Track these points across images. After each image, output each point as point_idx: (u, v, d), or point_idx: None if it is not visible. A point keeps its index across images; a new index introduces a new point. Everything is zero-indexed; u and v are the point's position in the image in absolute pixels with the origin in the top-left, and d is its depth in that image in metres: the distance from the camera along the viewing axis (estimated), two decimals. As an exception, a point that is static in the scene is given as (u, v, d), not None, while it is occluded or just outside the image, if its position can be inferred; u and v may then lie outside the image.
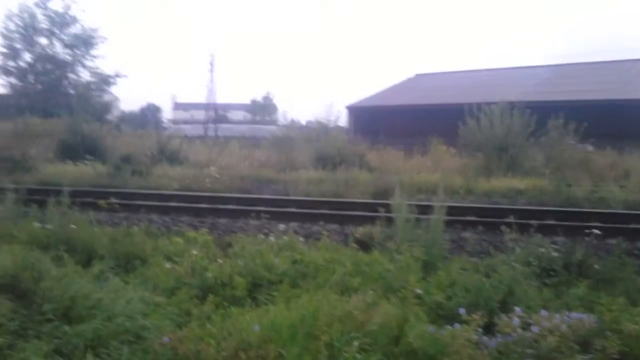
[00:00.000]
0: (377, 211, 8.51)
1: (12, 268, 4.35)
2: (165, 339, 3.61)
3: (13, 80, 48.71)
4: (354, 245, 7.07)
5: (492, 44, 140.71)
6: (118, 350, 3.60)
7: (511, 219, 8.12)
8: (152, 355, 3.55)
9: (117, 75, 51.56)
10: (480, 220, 9.54)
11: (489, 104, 19.54)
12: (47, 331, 3.76)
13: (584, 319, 3.84)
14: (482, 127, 18.95)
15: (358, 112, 38.03)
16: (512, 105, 18.92)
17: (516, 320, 3.76)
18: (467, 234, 8.73)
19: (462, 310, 4.06)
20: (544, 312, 3.86)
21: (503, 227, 7.91)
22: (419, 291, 4.85)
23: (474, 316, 3.82)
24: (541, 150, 18.74)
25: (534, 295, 4.89)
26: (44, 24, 49.42)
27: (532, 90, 32.30)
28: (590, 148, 20.16)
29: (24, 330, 3.73)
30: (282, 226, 9.07)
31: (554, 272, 5.78)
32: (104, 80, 51.58)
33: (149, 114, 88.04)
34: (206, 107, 56.84)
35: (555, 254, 6.19)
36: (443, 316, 4.55)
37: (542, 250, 6.28)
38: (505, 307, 4.50)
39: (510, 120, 18.62)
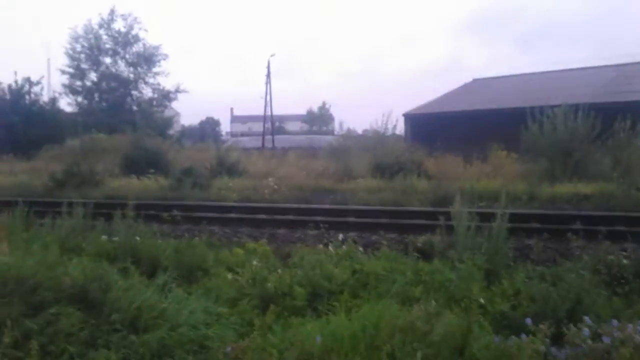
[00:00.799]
0: (436, 219, 8.37)
1: (82, 279, 4.49)
2: (229, 349, 3.65)
3: (79, 98, 50.84)
4: (414, 254, 6.98)
5: (550, 46, 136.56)
6: (182, 360, 3.66)
7: (577, 226, 7.84)
8: (216, 365, 3.59)
9: (178, 91, 53.13)
10: (545, 227, 9.25)
11: (551, 107, 18.94)
12: (115, 341, 3.86)
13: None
14: (545, 131, 18.35)
15: (415, 120, 37.65)
16: (576, 108, 18.25)
17: (586, 331, 3.60)
18: (531, 242, 8.48)
19: (528, 321, 3.92)
20: (615, 322, 3.68)
21: (569, 234, 7.63)
22: (482, 301, 4.74)
23: (541, 326, 3.68)
24: (608, 154, 18.02)
25: (603, 305, 4.70)
26: (108, 44, 51.43)
27: (596, 91, 31.14)
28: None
29: (93, 340, 3.84)
30: (341, 236, 9.05)
31: (624, 280, 5.54)
32: (165, 96, 53.22)
33: (208, 127, 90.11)
34: (263, 119, 57.54)
35: (625, 261, 5.94)
36: (508, 326, 4.42)
37: (612, 257, 6.03)
38: (573, 317, 4.33)
39: (575, 123, 17.97)
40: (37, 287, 4.20)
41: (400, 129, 36.18)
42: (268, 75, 55.90)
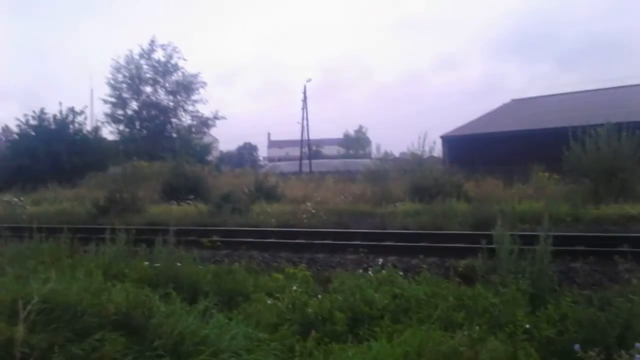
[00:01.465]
0: (478, 243, 8.23)
1: (125, 306, 4.55)
2: (270, 376, 3.63)
3: (121, 127, 52.19)
4: (456, 278, 6.87)
5: (589, 65, 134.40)
6: (225, 386, 3.65)
7: (625, 248, 7.60)
8: (258, 391, 3.57)
9: (216, 117, 54.08)
10: (591, 250, 9.01)
11: (592, 126, 18.55)
12: (157, 367, 3.89)
13: None
14: (588, 150, 17.95)
15: (453, 142, 37.38)
16: (619, 127, 17.83)
17: (638, 358, 3.47)
18: (576, 265, 8.26)
19: (577, 347, 3.80)
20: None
21: (616, 257, 7.39)
22: (527, 326, 4.62)
23: (591, 353, 3.57)
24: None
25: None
26: (148, 73, 52.81)
27: (639, 109, 30.46)
28: None
29: (137, 366, 3.88)
30: (380, 260, 8.98)
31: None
32: (204, 123, 54.24)
33: (246, 152, 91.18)
34: (300, 143, 57.98)
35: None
36: (555, 353, 4.30)
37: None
38: (623, 343, 4.19)
39: (618, 142, 17.54)
40: (82, 314, 4.27)
41: (439, 151, 35.99)
42: (304, 100, 56.55)
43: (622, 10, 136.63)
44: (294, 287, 6.16)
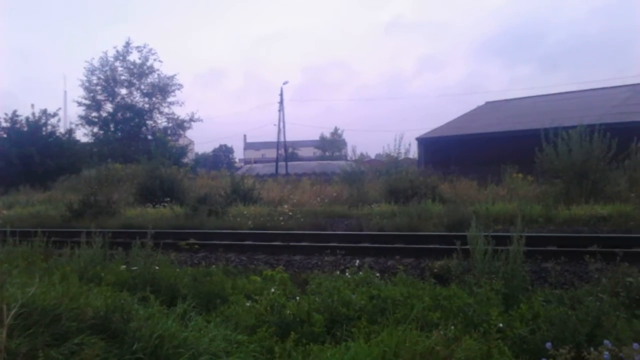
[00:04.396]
0: (453, 244, 8.35)
1: (103, 310, 4.55)
2: (250, 377, 3.67)
3: (95, 129, 51.62)
4: (431, 279, 6.97)
5: (572, 67, 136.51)
6: (205, 388, 3.69)
7: (595, 248, 7.80)
8: (238, 393, 3.61)
9: (192, 120, 53.76)
10: (562, 250, 9.20)
11: (565, 128, 18.89)
12: (137, 370, 3.90)
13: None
14: (560, 152, 18.29)
15: (428, 144, 37.71)
16: (591, 129, 18.18)
17: (606, 354, 3.59)
18: (548, 265, 8.42)
19: (548, 345, 3.92)
20: (636, 345, 3.66)
21: (587, 257, 7.57)
22: (501, 325, 4.73)
23: (562, 350, 3.68)
24: (624, 174, 17.91)
25: (623, 328, 4.66)
26: (123, 75, 52.34)
27: (610, 112, 31.08)
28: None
29: (116, 369, 3.89)
30: (357, 261, 9.06)
31: (645, 302, 5.50)
32: (180, 125, 53.88)
33: (222, 154, 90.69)
34: (276, 145, 57.94)
35: (645, 283, 5.89)
36: (528, 351, 4.41)
37: (631, 280, 5.99)
38: (593, 340, 4.32)
39: (590, 144, 17.88)
40: (60, 318, 4.26)
41: (415, 153, 36.32)
42: (281, 102, 56.50)
43: (605, 13, 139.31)
44: (272, 289, 6.20)
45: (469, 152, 32.35)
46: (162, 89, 53.03)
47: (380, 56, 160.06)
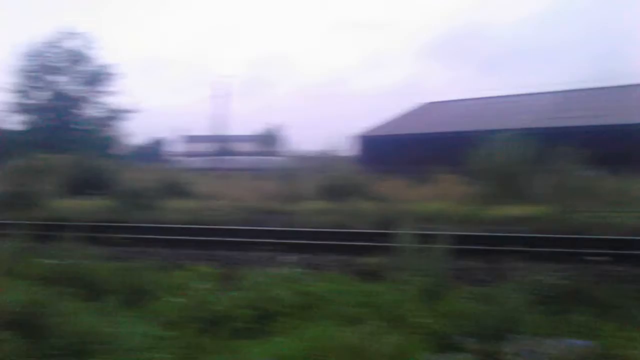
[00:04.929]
0: (382, 241, 8.58)
1: (24, 304, 4.46)
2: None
3: (28, 117, 49.52)
4: (359, 275, 7.14)
5: (511, 71, 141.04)
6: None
7: (515, 247, 8.17)
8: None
9: (128, 110, 52.30)
10: (485, 249, 9.58)
11: (498, 131, 19.65)
12: (58, 366, 3.85)
13: (585, 346, 3.89)
14: (489, 155, 19.01)
15: (366, 142, 38.23)
16: (519, 133, 18.97)
17: (514, 347, 3.81)
18: (471, 263, 8.76)
19: (464, 339, 4.12)
20: (544, 340, 3.91)
21: (506, 256, 7.93)
22: (422, 320, 4.92)
23: (475, 345, 3.88)
24: (548, 177, 18.76)
25: (536, 323, 4.93)
26: (57, 62, 50.38)
27: (539, 116, 32.43)
28: (597, 174, 20.13)
29: (36, 365, 3.82)
30: (288, 258, 9.14)
31: (557, 299, 5.82)
32: (115, 115, 52.32)
33: (158, 147, 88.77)
34: (214, 139, 57.35)
35: (558, 281, 6.23)
36: (446, 345, 4.61)
37: (545, 277, 6.32)
38: (507, 334, 4.55)
39: (516, 147, 18.67)
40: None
41: (352, 150, 36.73)
42: (221, 96, 55.98)
43: (542, 20, 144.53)
44: (201, 285, 6.20)
45: (406, 151, 33.03)
46: (98, 78, 51.36)
47: (323, 53, 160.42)
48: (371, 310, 5.44)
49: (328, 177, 21.27)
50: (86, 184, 21.56)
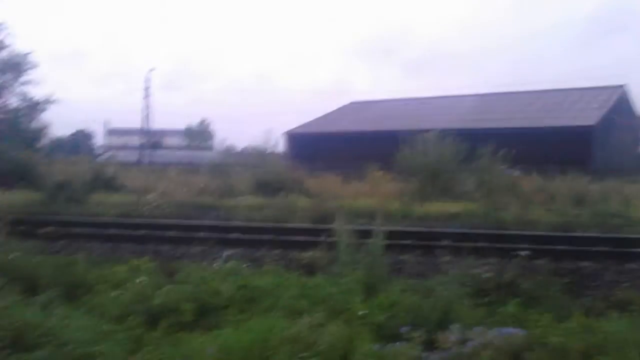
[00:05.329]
0: (318, 236, 8.72)
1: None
2: (121, 365, 3.69)
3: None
4: (298, 269, 7.25)
5: (432, 73, 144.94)
6: (73, 377, 3.65)
7: (446, 242, 8.50)
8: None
9: (48, 101, 50.17)
10: (417, 244, 9.91)
11: (422, 131, 20.27)
12: (-2, 360, 3.76)
13: (515, 334, 4.15)
14: (416, 153, 19.61)
15: (296, 139, 38.45)
16: (444, 133, 19.66)
17: (453, 337, 4.03)
18: (405, 257, 9.05)
19: (403, 329, 4.30)
20: (478, 329, 4.14)
21: (438, 250, 8.24)
22: (362, 312, 5.08)
23: (415, 334, 4.07)
24: (472, 176, 19.52)
25: (469, 314, 5.20)
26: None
27: (461, 118, 33.70)
28: (517, 173, 21.15)
29: (-27, 361, 3.72)
30: (226, 252, 9.14)
31: (486, 291, 6.15)
32: (34, 106, 50.06)
33: (81, 139, 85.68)
34: (141, 133, 55.97)
35: (487, 274, 6.57)
36: (386, 335, 4.78)
37: (475, 271, 6.65)
38: (443, 325, 4.79)
39: (443, 147, 19.35)
40: None
41: (282, 147, 36.78)
42: (147, 89, 54.66)
43: (465, 26, 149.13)
44: (139, 279, 6.14)
45: (335, 148, 33.47)
46: (15, 67, 49.00)
47: (251, 49, 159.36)
48: (312, 302, 5.55)
49: (261, 172, 21.29)
50: (8, 176, 20.61)
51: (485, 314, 5.29)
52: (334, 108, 45.32)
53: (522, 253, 8.09)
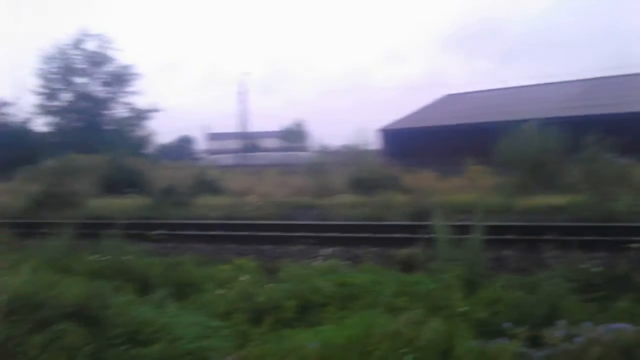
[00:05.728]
0: (417, 233, 8.66)
1: (81, 297, 4.66)
2: (228, 359, 3.85)
3: (54, 119, 50.51)
4: (397, 266, 7.24)
5: (531, 61, 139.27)
6: (184, 371, 3.86)
7: (551, 236, 8.18)
8: (218, 374, 3.80)
9: (152, 110, 53.03)
10: (520, 238, 9.60)
11: (521, 121, 19.49)
12: (117, 355, 4.04)
13: (626, 330, 3.94)
14: (517, 145, 18.87)
15: (391, 135, 38.13)
16: (546, 122, 18.79)
17: (559, 333, 3.88)
18: (508, 252, 8.80)
19: (507, 325, 4.20)
20: (587, 324, 3.97)
21: (543, 244, 7.94)
22: (463, 309, 5.01)
23: (519, 330, 3.97)
24: (578, 166, 18.59)
25: (577, 310, 5.00)
26: (80, 64, 51.25)
27: (564, 105, 32.06)
28: (627, 161, 19.85)
29: (98, 354, 4.01)
30: (325, 250, 9.27)
31: (596, 286, 5.86)
32: (140, 115, 53.09)
33: (184, 145, 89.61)
34: (239, 136, 57.77)
35: (597, 269, 6.27)
36: (488, 332, 4.68)
37: (584, 265, 6.36)
38: (549, 321, 4.62)
39: (545, 137, 18.49)
40: (40, 306, 4.37)
41: (377, 144, 36.67)
42: (243, 93, 56.29)
43: (559, 9, 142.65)
44: (243, 278, 6.36)
45: (430, 143, 32.89)
46: (121, 78, 52.14)
47: (341, 49, 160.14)
48: (412, 299, 5.54)
49: (357, 170, 21.34)
50: (119, 183, 21.98)
51: (595, 310, 5.05)
52: (428, 102, 44.66)
53: (635, 245, 7.65)
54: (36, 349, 3.82)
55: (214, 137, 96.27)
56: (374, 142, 34.20)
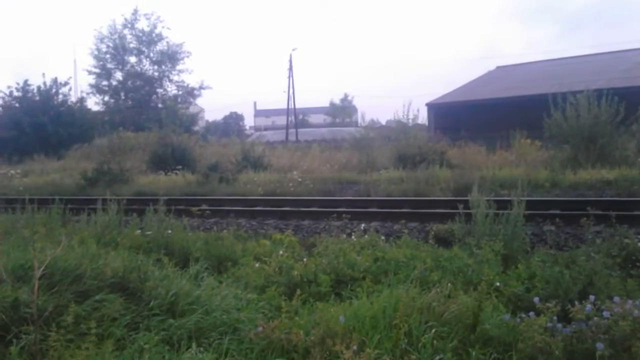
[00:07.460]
0: (457, 208, 8.55)
1: (121, 270, 4.85)
2: (259, 329, 3.96)
3: (106, 98, 51.90)
4: (434, 241, 7.21)
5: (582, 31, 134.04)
6: (217, 340, 3.98)
7: (595, 211, 7.98)
8: (248, 344, 3.91)
9: (202, 87, 53.85)
10: (563, 214, 9.40)
11: (574, 93, 18.84)
12: (155, 324, 4.20)
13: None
14: (568, 117, 18.28)
15: (438, 109, 37.60)
16: (599, 93, 18.09)
17: (589, 307, 3.82)
18: (548, 227, 8.63)
19: (536, 299, 4.16)
20: (616, 299, 3.89)
21: (585, 219, 7.72)
22: (498, 284, 4.97)
23: (549, 304, 3.93)
24: (633, 139, 17.95)
25: (615, 285, 4.90)
26: (132, 43, 52.33)
27: (620, 75, 30.84)
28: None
29: (135, 324, 4.18)
30: (363, 226, 9.31)
31: (638, 262, 5.72)
32: (190, 93, 54.01)
33: (232, 122, 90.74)
34: (286, 112, 57.97)
35: (640, 244, 6.10)
36: (521, 307, 4.65)
37: (627, 241, 6.19)
38: (584, 297, 4.55)
39: (598, 109, 17.84)
40: (82, 277, 4.57)
41: (424, 119, 36.23)
42: (290, 69, 56.29)
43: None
44: (281, 252, 6.47)
45: (478, 117, 32.28)
46: (171, 57, 53.04)
47: (391, 22, 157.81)
48: (446, 274, 5.54)
49: (402, 145, 21.20)
50: (168, 160, 22.49)
51: (637, 287, 4.94)
52: (478, 75, 43.78)
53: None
54: (78, 318, 4.00)
55: (263, 113, 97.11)
56: (421, 116, 33.79)
